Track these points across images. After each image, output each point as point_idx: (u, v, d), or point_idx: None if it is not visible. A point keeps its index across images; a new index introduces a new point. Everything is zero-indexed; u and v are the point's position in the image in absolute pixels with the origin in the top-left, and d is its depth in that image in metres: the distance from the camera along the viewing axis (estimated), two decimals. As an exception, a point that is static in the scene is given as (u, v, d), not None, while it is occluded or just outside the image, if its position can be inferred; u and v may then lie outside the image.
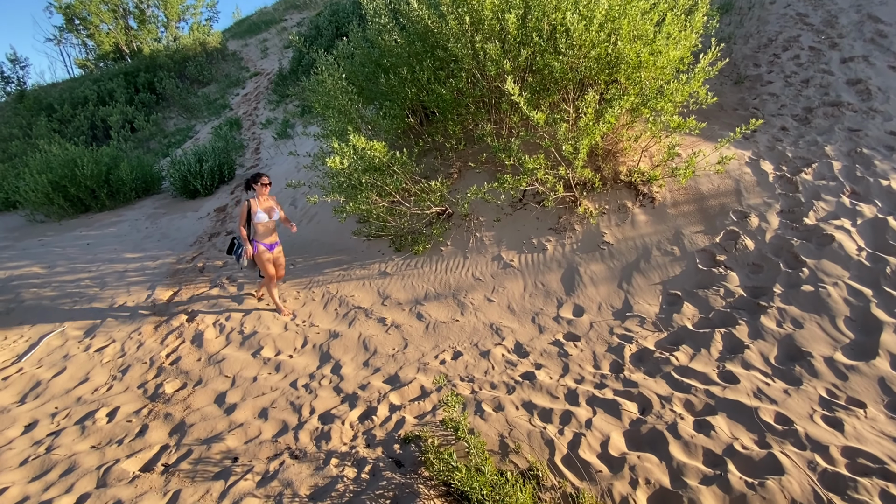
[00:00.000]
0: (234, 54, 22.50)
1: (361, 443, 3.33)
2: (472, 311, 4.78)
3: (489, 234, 5.69)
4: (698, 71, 4.76)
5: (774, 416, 3.01)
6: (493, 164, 6.16)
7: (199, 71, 20.04)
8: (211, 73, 20.39)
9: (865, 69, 6.27)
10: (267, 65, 20.29)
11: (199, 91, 19.55)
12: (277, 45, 21.79)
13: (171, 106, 18.88)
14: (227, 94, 18.70)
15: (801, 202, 4.59)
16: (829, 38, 7.06)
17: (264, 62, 20.81)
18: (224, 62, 21.76)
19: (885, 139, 5.18)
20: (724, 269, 4.27)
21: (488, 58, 5.27)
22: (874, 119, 5.49)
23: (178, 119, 18.23)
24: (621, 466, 2.84)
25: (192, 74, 19.98)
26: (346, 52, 7.49)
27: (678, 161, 5.19)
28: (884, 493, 2.47)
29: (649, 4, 5.11)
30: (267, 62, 20.62)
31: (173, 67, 20.09)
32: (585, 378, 3.65)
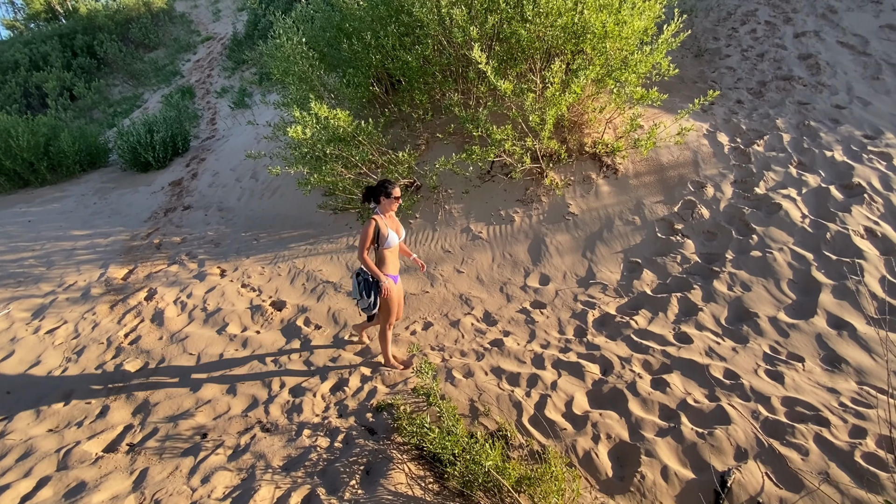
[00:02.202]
0: (184, 16, 20.92)
1: (334, 413, 3.36)
2: (442, 283, 4.82)
3: (458, 206, 5.69)
4: (661, 42, 4.83)
5: (723, 371, 3.23)
6: (461, 135, 6.10)
7: (145, 34, 18.56)
8: (158, 37, 18.94)
9: (816, 44, 6.53)
10: (220, 28, 19.01)
11: (146, 56, 18.16)
12: (231, 6, 20.40)
13: (115, 72, 17.49)
14: (178, 60, 17.48)
15: (753, 173, 4.82)
16: (784, 12, 7.28)
17: (217, 25, 19.49)
18: (172, 25, 20.22)
19: (830, 112, 5.47)
20: (681, 238, 4.47)
21: (455, 24, 5.13)
22: (822, 93, 5.77)
23: (124, 86, 16.95)
24: (584, 424, 3.00)
25: (137, 37, 18.50)
26: (305, 14, 7.12)
27: (640, 133, 5.31)
28: (817, 437, 2.72)
29: (615, -27, 5.09)
30: (220, 25, 19.31)
31: (115, 29, 18.50)
32: (551, 343, 3.79)
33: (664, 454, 2.72)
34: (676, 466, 2.66)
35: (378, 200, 3.34)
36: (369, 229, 3.24)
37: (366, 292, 3.36)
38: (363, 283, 3.37)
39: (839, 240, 3.93)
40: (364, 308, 3.43)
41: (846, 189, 4.41)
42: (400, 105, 6.65)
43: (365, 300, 3.35)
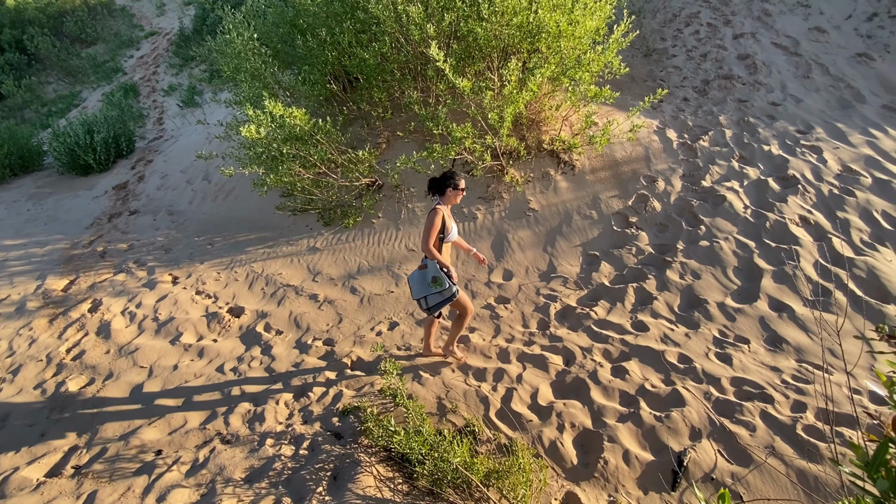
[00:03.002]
0: (124, 10, 19.69)
1: (298, 420, 3.27)
2: (407, 282, 4.78)
3: (421, 204, 5.67)
4: (612, 42, 4.99)
5: (677, 356, 3.39)
6: (422, 133, 6.08)
7: (81, 28, 17.34)
8: (96, 32, 17.73)
9: (753, 45, 6.96)
10: (165, 23, 18.03)
11: (83, 52, 16.97)
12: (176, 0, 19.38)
13: (49, 69, 16.25)
14: (119, 57, 16.45)
15: (700, 167, 5.08)
16: (724, 15, 7.71)
17: (161, 20, 18.47)
18: (112, 18, 18.99)
19: (767, 109, 5.84)
20: (635, 230, 4.65)
21: (411, 21, 5.10)
22: (759, 91, 6.15)
23: (59, 84, 15.78)
24: (549, 414, 3.07)
25: (73, 32, 17.25)
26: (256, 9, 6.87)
27: (595, 130, 5.47)
28: (763, 413, 2.90)
29: (567, -27, 5.21)
30: (165, 20, 18.32)
31: (47, 23, 17.16)
32: (515, 337, 3.84)
33: (625, 439, 2.83)
34: (637, 450, 2.77)
35: (443, 192, 3.20)
36: (437, 220, 3.10)
37: (449, 280, 3.16)
38: (443, 273, 3.16)
39: (777, 228, 4.21)
40: (443, 300, 3.18)
41: (782, 181, 4.72)
42: (359, 103, 6.55)
43: (451, 288, 3.15)
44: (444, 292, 3.15)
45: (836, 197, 4.44)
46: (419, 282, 3.20)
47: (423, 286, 3.18)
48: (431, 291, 3.15)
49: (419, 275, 3.20)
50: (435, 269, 3.14)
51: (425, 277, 3.17)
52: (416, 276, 3.22)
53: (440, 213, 3.12)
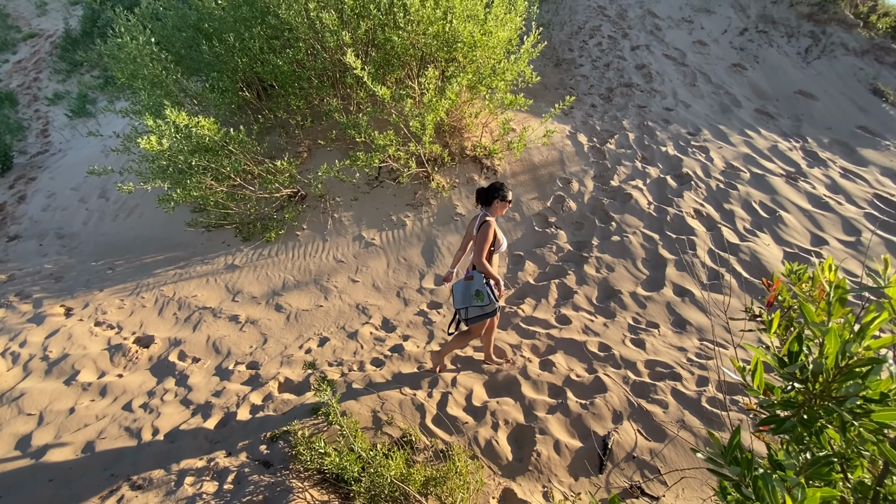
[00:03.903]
0: (-7, 7, 17.23)
1: (221, 453, 3.03)
2: (337, 295, 4.65)
3: (347, 213, 5.55)
4: (523, 52, 5.25)
5: (598, 345, 3.61)
6: (344, 141, 5.97)
7: (-65, 26, 14.89)
8: (-45, 31, 15.32)
9: (647, 56, 7.67)
10: (47, 24, 16.04)
11: (-61, 54, 14.58)
12: (59, -1, 17.33)
13: None
14: (-12, 60, 14.35)
15: (608, 168, 5.49)
16: (622, 28, 8.43)
17: (43, 21, 16.41)
18: (-24, 17, 16.52)
19: (662, 114, 6.46)
20: (555, 229, 4.91)
21: (326, 28, 4.99)
22: (655, 98, 6.79)
23: None
24: (484, 414, 3.12)
25: (-77, 31, 14.76)
26: (152, 11, 6.34)
27: (513, 135, 5.71)
28: (674, 391, 3.18)
29: (478, -14, 5.41)
30: (47, 21, 16.30)
31: None
32: (448, 342, 3.87)
33: (555, 429, 2.95)
34: (566, 439, 2.90)
35: (490, 203, 3.11)
36: (490, 233, 3.03)
37: (494, 294, 3.08)
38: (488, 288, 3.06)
39: (676, 221, 4.65)
40: (483, 315, 3.10)
41: (678, 178, 5.24)
42: (275, 111, 6.28)
43: (493, 304, 3.06)
44: (485, 307, 3.09)
45: (722, 191, 5.01)
46: (463, 292, 3.12)
47: (466, 297, 3.10)
48: (473, 304, 3.07)
49: (463, 285, 3.13)
50: (480, 282, 3.07)
51: (469, 289, 3.09)
52: (460, 285, 3.15)
53: (493, 226, 3.07)
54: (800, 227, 4.56)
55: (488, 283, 3.09)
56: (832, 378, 0.80)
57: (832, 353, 0.80)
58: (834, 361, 0.80)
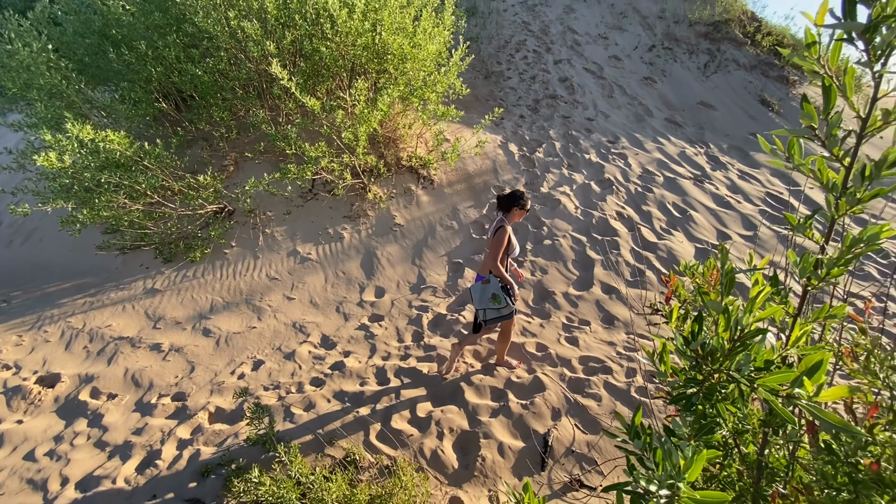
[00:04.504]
0: None
1: (144, 496, 2.76)
2: (271, 314, 4.44)
3: (280, 228, 5.34)
4: (452, 65, 5.39)
5: (536, 346, 3.75)
6: (274, 153, 5.76)
7: None
8: None
9: (569, 69, 8.16)
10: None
11: None
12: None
13: None
14: None
15: (538, 175, 5.75)
16: (546, 43, 8.91)
17: None
18: None
19: (585, 124, 6.89)
20: (492, 236, 5.04)
21: (248, 37, 4.81)
22: (577, 108, 7.24)
23: None
24: (429, 424, 3.11)
25: None
26: (48, 15, 5.77)
27: (447, 146, 5.82)
28: (606, 384, 3.36)
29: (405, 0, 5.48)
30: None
31: None
32: (392, 353, 3.84)
33: (498, 432, 3.01)
34: (509, 440, 2.97)
35: (509, 210, 3.23)
36: (505, 238, 3.15)
37: (510, 297, 3.21)
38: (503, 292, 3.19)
39: (601, 223, 4.97)
40: (499, 317, 3.21)
41: (601, 183, 5.61)
42: (196, 123, 5.93)
43: (509, 307, 3.19)
44: (501, 310, 3.21)
45: (640, 194, 5.42)
46: (480, 294, 3.22)
47: (483, 299, 3.21)
48: (490, 306, 3.19)
49: (480, 288, 3.23)
50: (496, 286, 3.19)
51: (486, 292, 3.20)
52: (477, 288, 3.25)
53: (508, 232, 3.18)
54: (707, 225, 5.04)
55: (504, 286, 3.23)
56: (727, 352, 0.89)
57: (726, 329, 0.89)
58: (728, 336, 0.89)
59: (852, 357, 1.26)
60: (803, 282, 0.88)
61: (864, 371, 1.20)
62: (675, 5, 9.15)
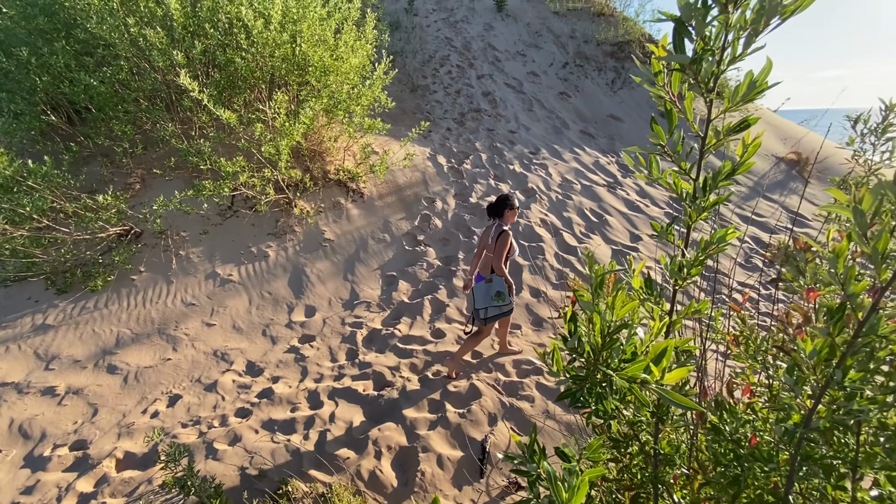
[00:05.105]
0: None
1: (34, 566, 2.40)
2: (189, 343, 4.10)
3: (197, 249, 4.96)
4: (376, 78, 5.39)
5: (471, 353, 3.80)
6: (187, 169, 5.36)
7: None
8: None
9: (491, 84, 8.50)
10: None
11: None
12: None
13: None
14: None
15: (466, 186, 5.90)
16: (468, 59, 9.22)
17: None
18: None
19: (508, 136, 7.20)
20: (424, 247, 5.07)
21: (152, 46, 4.47)
22: (500, 122, 7.54)
23: None
24: (366, 444, 3.03)
25: None
26: None
27: (375, 159, 5.79)
28: (538, 384, 3.49)
29: (325, 12, 5.41)
30: None
31: None
32: (325, 375, 3.69)
33: (437, 444, 3.00)
34: (448, 451, 2.97)
35: (502, 214, 3.42)
36: (509, 241, 3.34)
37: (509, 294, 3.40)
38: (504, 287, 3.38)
39: (527, 230, 5.19)
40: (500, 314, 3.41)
41: (525, 192, 5.87)
42: (93, 137, 5.37)
43: (510, 304, 3.42)
44: (503, 307, 3.42)
45: (560, 201, 5.75)
46: (484, 294, 3.40)
47: (486, 298, 3.39)
48: (493, 304, 3.38)
49: (484, 287, 3.42)
50: (501, 284, 3.38)
51: (490, 291, 3.39)
52: (481, 287, 3.42)
53: (510, 235, 3.37)
54: (621, 228, 5.46)
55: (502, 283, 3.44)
56: (601, 348, 0.96)
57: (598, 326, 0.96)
58: (600, 332, 0.96)
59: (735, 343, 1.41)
60: (672, 281, 0.98)
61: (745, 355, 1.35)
62: (585, 26, 9.92)
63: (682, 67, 0.76)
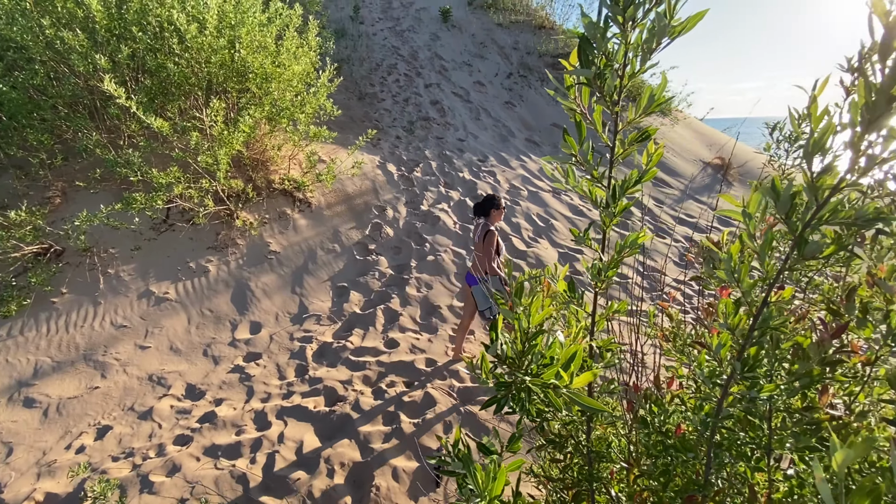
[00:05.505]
0: None
1: None
2: (120, 369, 3.79)
3: (128, 267, 4.62)
4: (320, 86, 5.29)
5: (425, 361, 3.79)
6: (115, 181, 5.00)
7: None
8: None
9: (439, 93, 8.60)
10: None
11: None
12: None
13: None
14: None
15: (417, 194, 5.90)
16: (416, 68, 9.28)
17: None
18: None
19: (457, 144, 7.30)
20: (375, 256, 5.01)
21: (71, 49, 4.14)
22: (449, 130, 7.63)
23: None
24: (318, 463, 2.92)
25: None
26: None
27: (322, 167, 5.67)
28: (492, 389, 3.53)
29: (265, 17, 5.26)
30: None
31: None
32: (272, 394, 3.54)
33: (392, 457, 2.95)
34: (403, 463, 2.93)
35: (488, 213, 3.45)
36: (495, 240, 3.41)
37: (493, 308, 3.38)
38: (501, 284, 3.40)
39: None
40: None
41: (475, 199, 5.96)
42: (4, 148, 4.88)
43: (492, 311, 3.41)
44: None
45: (509, 207, 5.89)
46: (483, 297, 3.40)
47: (487, 300, 3.40)
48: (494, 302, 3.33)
49: (482, 290, 3.42)
50: (498, 283, 3.41)
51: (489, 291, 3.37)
52: (479, 290, 3.42)
53: (496, 234, 3.42)
54: (566, 231, 5.67)
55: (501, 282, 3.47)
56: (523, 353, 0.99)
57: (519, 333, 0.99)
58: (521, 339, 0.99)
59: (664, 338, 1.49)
60: (593, 284, 1.04)
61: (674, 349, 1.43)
62: (527, 38, 10.28)
63: (588, 81, 0.81)
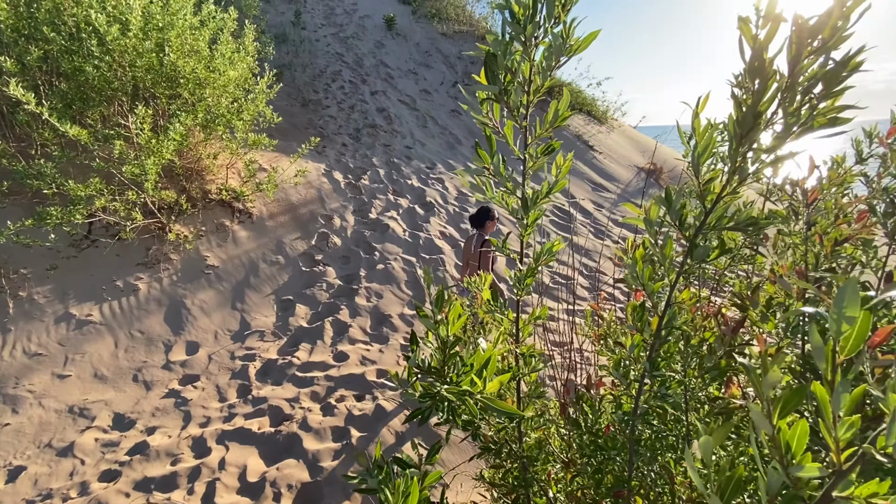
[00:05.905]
0: None
1: None
2: (34, 402, 3.42)
3: (43, 289, 4.20)
4: (259, 92, 5.11)
5: (376, 372, 3.72)
6: (25, 194, 4.54)
7: None
8: None
9: (386, 101, 8.56)
10: None
11: None
12: None
13: None
14: None
15: (365, 202, 5.83)
16: (361, 75, 9.19)
17: None
18: None
19: (404, 151, 7.29)
20: (322, 267, 4.88)
21: (-33, 49, 3.73)
22: (396, 137, 7.61)
23: None
24: (263, 488, 2.78)
25: None
26: None
27: (263, 176, 5.45)
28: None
29: (198, 20, 5.00)
30: None
31: None
32: (212, 417, 3.33)
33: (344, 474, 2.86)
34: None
35: (483, 224, 3.50)
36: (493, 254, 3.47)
37: None
38: None
39: (427, 243, 5.27)
40: None
41: (424, 206, 5.97)
42: None
43: None
44: None
45: (458, 214, 5.95)
46: None
47: None
48: None
49: None
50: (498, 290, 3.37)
51: None
52: None
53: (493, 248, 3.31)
54: (514, 238, 5.80)
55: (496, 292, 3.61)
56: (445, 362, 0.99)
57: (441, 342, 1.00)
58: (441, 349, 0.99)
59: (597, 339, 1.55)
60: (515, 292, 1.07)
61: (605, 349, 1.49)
62: (471, 48, 10.48)
63: (495, 97, 0.83)
